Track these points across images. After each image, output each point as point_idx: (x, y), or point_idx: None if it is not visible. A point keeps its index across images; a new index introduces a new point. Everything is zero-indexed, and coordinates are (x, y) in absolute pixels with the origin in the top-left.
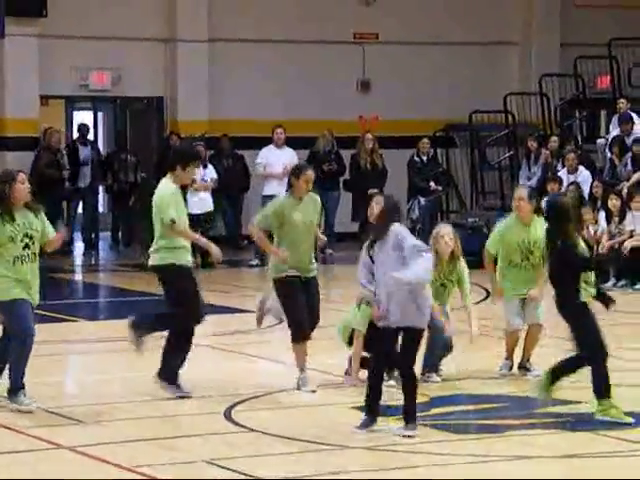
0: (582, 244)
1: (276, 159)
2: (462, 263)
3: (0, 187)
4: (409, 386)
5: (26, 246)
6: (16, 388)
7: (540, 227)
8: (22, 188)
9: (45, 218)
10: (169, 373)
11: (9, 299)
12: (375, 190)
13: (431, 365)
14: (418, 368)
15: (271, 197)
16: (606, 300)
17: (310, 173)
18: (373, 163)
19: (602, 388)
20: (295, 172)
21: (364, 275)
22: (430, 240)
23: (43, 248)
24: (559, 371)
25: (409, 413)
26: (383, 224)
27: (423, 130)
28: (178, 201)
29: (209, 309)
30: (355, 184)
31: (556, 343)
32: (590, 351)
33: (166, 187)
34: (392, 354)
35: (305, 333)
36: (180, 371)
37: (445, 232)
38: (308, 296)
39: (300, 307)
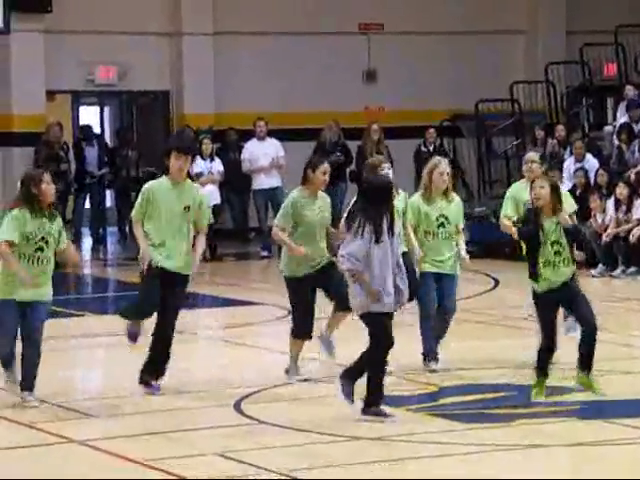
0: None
1: (261, 152)
2: (457, 197)
3: (26, 187)
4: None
5: (39, 249)
6: (28, 387)
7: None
8: (48, 189)
9: (61, 224)
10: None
11: (10, 299)
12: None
13: (430, 352)
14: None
15: (263, 191)
16: None
17: (326, 165)
18: (379, 154)
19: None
20: (311, 165)
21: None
22: (424, 173)
23: (57, 256)
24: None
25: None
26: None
27: (429, 120)
28: (153, 199)
29: (218, 301)
30: (361, 175)
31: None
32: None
33: (150, 182)
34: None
35: (307, 333)
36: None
37: (443, 168)
38: (331, 283)
39: (308, 307)
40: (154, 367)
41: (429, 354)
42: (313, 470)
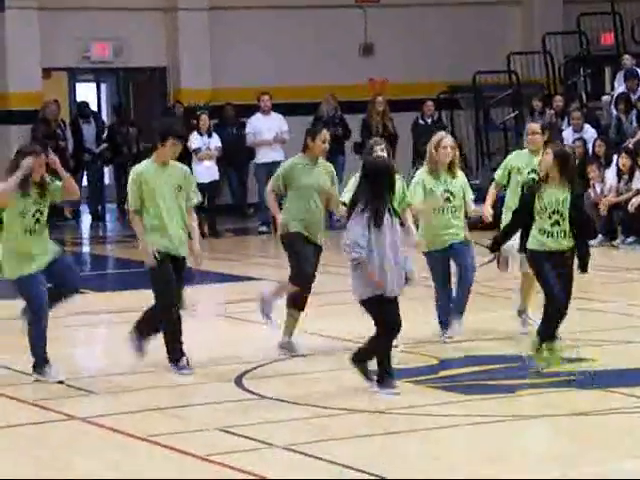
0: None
1: (265, 126)
2: (460, 172)
3: (18, 161)
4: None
5: (37, 221)
6: (41, 362)
7: None
8: (40, 162)
9: (56, 184)
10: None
11: (20, 276)
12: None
13: (445, 323)
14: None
15: (264, 165)
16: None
17: (325, 132)
18: (384, 126)
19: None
20: (310, 134)
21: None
22: (429, 148)
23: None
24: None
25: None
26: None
27: (427, 93)
28: (143, 183)
29: (217, 277)
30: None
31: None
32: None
33: (137, 166)
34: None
35: (306, 282)
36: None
37: (447, 142)
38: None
39: (308, 259)
40: (178, 347)
41: (443, 322)
42: (314, 444)
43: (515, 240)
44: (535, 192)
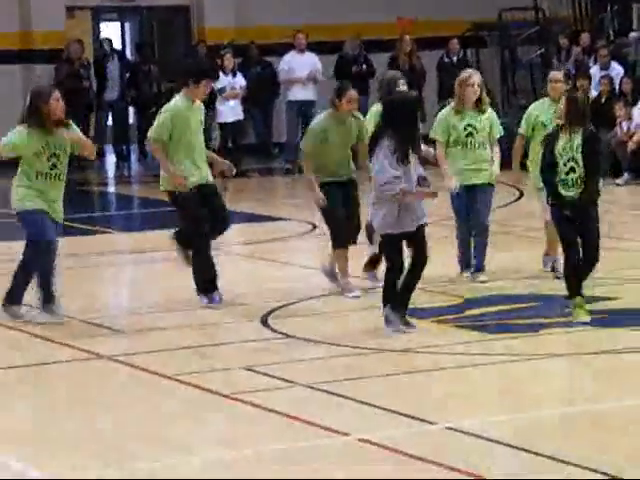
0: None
1: (299, 65)
2: (490, 109)
3: (34, 103)
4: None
5: (53, 166)
6: (48, 299)
7: None
8: (57, 105)
9: (77, 129)
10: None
11: (29, 209)
12: (415, 92)
13: (467, 262)
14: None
15: (295, 102)
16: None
17: (353, 93)
18: (411, 65)
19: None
20: (337, 92)
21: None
22: (456, 85)
23: (80, 154)
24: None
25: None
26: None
27: (452, 31)
28: (176, 121)
29: (243, 217)
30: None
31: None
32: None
33: (170, 104)
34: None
35: (347, 239)
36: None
37: (475, 80)
38: (347, 200)
39: (340, 215)
40: (211, 281)
41: (466, 262)
42: (339, 383)
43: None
44: (554, 140)
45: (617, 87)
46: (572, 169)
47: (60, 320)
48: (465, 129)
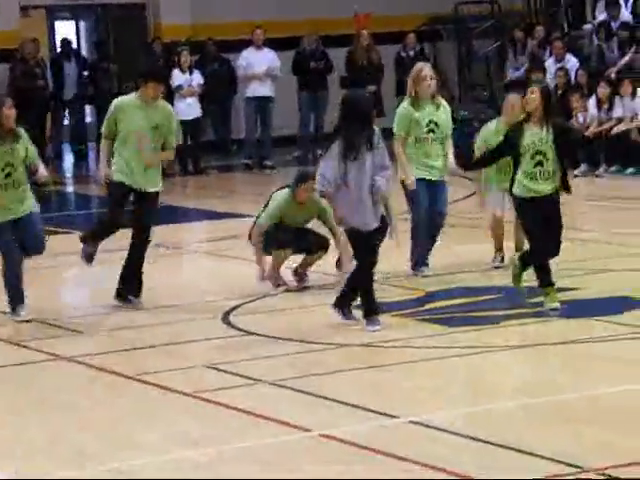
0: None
1: (257, 61)
2: (443, 102)
3: None
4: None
5: (7, 175)
6: (13, 301)
7: None
8: (9, 114)
9: (28, 141)
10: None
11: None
12: (373, 86)
13: (421, 259)
14: (403, 263)
15: (253, 99)
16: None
17: (311, 183)
18: (369, 59)
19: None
20: (297, 180)
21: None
22: (409, 80)
23: (31, 172)
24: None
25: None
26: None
27: (409, 25)
28: (121, 117)
29: (203, 214)
30: (352, 81)
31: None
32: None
33: (121, 98)
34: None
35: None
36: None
37: (427, 73)
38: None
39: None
40: (129, 285)
41: (419, 260)
42: (304, 378)
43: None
44: (519, 132)
45: (573, 79)
46: (540, 162)
47: (19, 319)
48: (427, 125)
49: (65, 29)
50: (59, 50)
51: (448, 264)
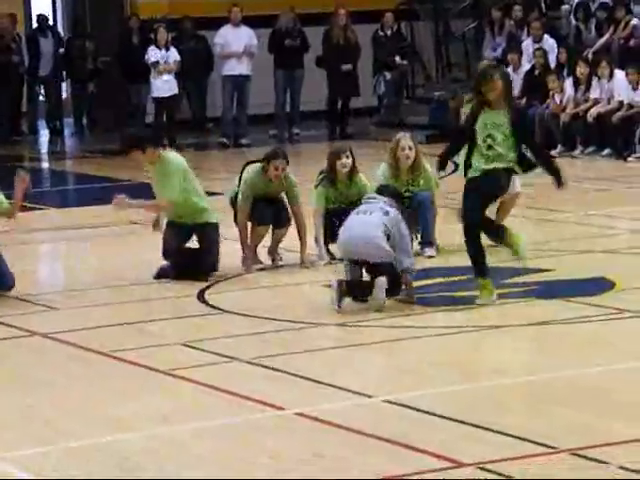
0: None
1: (234, 38)
2: (428, 168)
3: None
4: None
5: None
6: None
7: None
8: None
9: None
10: None
11: None
12: (349, 65)
13: (426, 239)
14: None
15: (230, 77)
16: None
17: (279, 162)
18: (346, 38)
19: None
20: (266, 157)
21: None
22: (388, 150)
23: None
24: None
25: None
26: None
27: (386, 4)
28: None
29: None
30: (328, 60)
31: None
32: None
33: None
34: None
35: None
36: None
37: (405, 144)
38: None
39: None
40: None
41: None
42: (279, 357)
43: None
44: (477, 115)
45: (551, 60)
46: (490, 146)
47: None
48: (403, 195)
49: (41, 5)
50: (35, 26)
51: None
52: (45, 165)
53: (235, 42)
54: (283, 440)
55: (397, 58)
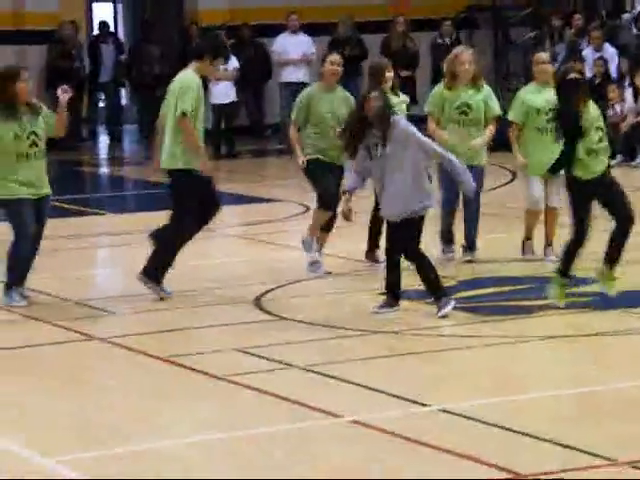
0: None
1: (292, 46)
2: (487, 87)
3: (2, 84)
4: (421, 267)
5: (33, 143)
6: (9, 284)
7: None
8: (24, 86)
9: (48, 112)
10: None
11: (12, 198)
12: (408, 72)
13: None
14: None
15: (288, 84)
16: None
17: (335, 56)
18: (404, 46)
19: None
20: (322, 58)
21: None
22: (446, 63)
23: (55, 137)
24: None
25: (433, 290)
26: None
27: (445, 12)
28: (199, 95)
29: (236, 198)
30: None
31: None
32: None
33: (191, 77)
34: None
35: (332, 204)
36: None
37: (465, 58)
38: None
39: (331, 181)
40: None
41: (451, 241)
42: (333, 364)
43: None
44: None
45: (611, 69)
46: (601, 139)
47: (15, 304)
48: (459, 107)
49: (103, 11)
50: (96, 32)
51: (480, 253)
52: (103, 170)
53: (293, 49)
54: (338, 447)
55: None
